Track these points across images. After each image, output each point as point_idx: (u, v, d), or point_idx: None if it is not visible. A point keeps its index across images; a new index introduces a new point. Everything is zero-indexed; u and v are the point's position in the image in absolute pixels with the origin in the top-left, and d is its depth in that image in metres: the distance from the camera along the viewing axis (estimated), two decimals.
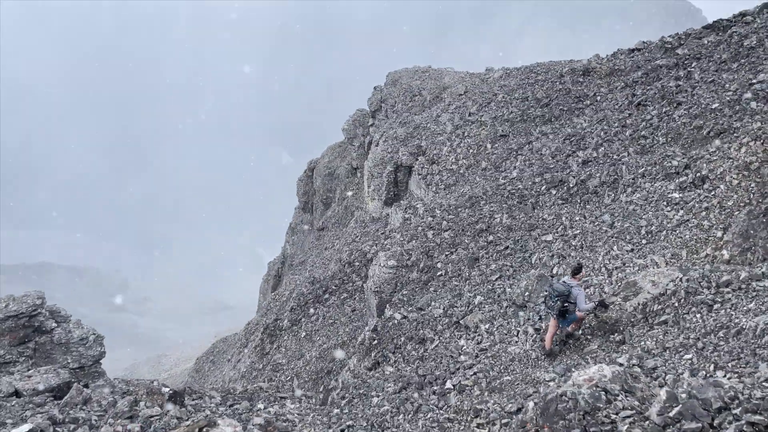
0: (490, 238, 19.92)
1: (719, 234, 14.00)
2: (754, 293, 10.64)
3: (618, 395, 5.55)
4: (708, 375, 9.12)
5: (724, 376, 8.72)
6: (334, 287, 26.60)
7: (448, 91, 31.78)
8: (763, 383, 6.47)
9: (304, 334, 26.20)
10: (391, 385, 14.80)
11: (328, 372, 22.91)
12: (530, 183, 21.49)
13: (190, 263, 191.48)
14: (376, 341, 18.12)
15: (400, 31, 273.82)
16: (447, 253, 20.65)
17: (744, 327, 9.73)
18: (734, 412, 4.48)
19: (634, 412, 5.07)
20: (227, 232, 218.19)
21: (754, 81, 18.05)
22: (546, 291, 12.48)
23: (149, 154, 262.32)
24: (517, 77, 29.47)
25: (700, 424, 4.44)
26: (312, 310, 26.83)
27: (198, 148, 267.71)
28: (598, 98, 24.73)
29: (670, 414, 4.67)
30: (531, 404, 6.31)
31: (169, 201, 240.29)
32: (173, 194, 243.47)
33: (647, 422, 4.85)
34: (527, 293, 15.48)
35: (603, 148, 20.85)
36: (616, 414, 5.11)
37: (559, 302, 11.63)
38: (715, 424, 4.41)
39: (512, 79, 29.57)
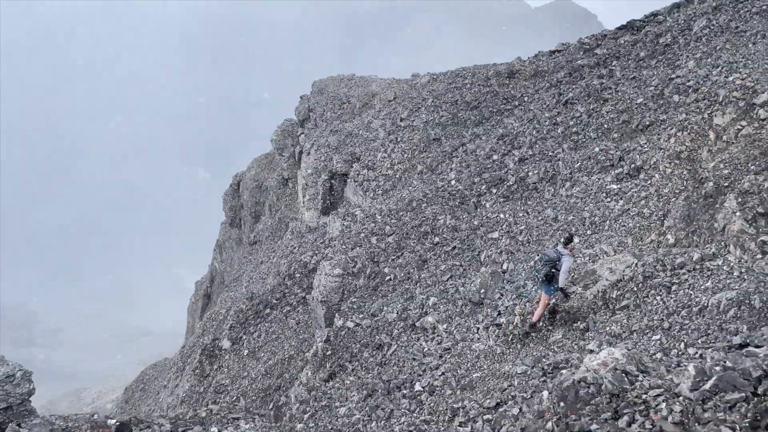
0: (436, 239, 20.00)
1: (660, 220, 14.64)
2: (709, 272, 11.13)
3: (638, 376, 5.56)
4: (680, 353, 9.43)
5: (696, 353, 9.05)
6: (275, 301, 25.90)
7: (378, 97, 31.82)
8: None
9: (246, 351, 25.32)
10: (355, 393, 14.47)
11: (277, 388, 22.22)
12: (469, 183, 21.77)
13: (102, 291, 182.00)
14: (330, 351, 17.73)
15: (310, 42, 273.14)
16: (393, 257, 20.54)
17: (706, 305, 10.13)
18: None
19: (663, 390, 5.09)
20: (141, 254, 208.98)
21: (673, 76, 19.09)
22: (537, 256, 12.58)
23: (59, 181, 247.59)
24: (445, 82, 29.91)
25: (742, 394, 4.49)
26: (253, 327, 25.99)
27: (108, 170, 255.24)
28: (526, 99, 25.46)
29: (706, 387, 4.71)
30: (545, 394, 6.23)
31: (76, 227, 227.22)
32: (82, 219, 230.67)
33: (681, 398, 4.88)
34: (483, 290, 15.58)
35: (537, 146, 21.45)
36: (646, 393, 5.11)
37: (547, 267, 11.72)
38: (759, 392, 4.47)
39: (440, 83, 29.98)
